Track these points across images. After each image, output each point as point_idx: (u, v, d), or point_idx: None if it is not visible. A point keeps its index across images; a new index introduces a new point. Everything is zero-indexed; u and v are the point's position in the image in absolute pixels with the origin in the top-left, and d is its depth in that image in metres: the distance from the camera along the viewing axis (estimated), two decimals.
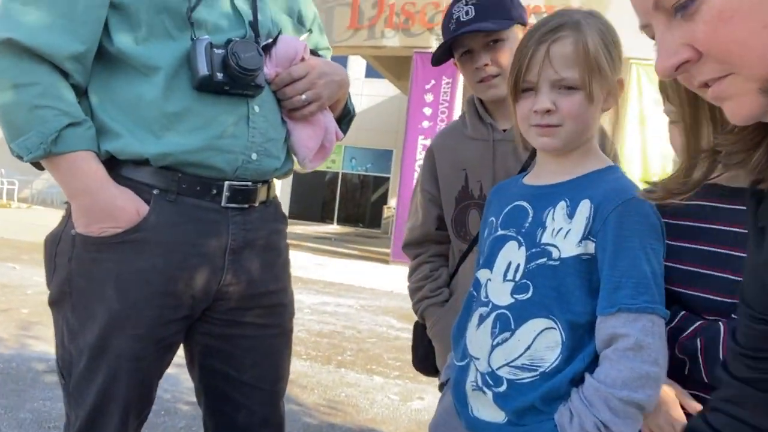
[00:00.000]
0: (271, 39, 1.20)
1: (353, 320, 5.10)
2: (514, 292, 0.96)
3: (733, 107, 0.50)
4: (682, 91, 0.59)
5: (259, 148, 1.18)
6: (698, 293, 0.91)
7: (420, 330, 1.45)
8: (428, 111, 9.18)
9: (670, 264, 0.93)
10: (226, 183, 1.15)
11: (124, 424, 1.12)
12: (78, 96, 1.09)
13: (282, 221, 1.32)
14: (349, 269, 8.40)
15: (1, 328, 3.74)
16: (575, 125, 0.94)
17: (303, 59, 1.23)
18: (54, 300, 1.15)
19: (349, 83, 1.35)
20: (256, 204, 1.21)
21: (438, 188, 1.41)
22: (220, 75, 1.09)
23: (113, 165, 1.10)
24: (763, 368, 0.61)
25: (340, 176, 18.21)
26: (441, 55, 1.34)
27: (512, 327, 0.95)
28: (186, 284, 1.12)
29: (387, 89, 15.47)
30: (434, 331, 1.39)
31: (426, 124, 9.20)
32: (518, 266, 0.96)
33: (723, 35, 0.46)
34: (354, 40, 9.64)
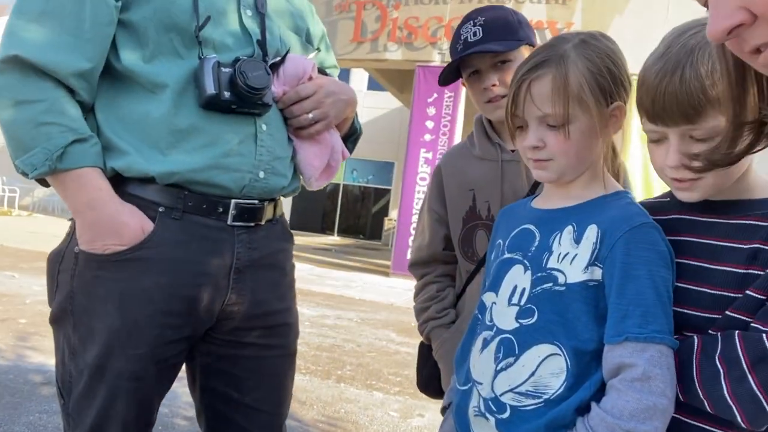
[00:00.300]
0: (279, 57, 1.20)
1: (353, 334, 5.07)
2: (519, 317, 0.94)
3: None
4: (729, 59, 0.57)
5: (267, 167, 1.17)
6: (676, 308, 0.88)
7: (425, 351, 1.44)
8: (430, 124, 9.21)
9: None
10: (233, 201, 1.14)
11: None
12: (84, 112, 1.08)
13: (288, 240, 1.31)
14: (350, 281, 8.37)
15: None
16: (566, 159, 0.94)
17: (311, 78, 1.22)
18: (55, 318, 1.13)
19: (357, 102, 1.34)
20: (263, 222, 1.20)
21: (445, 208, 1.40)
22: (228, 94, 1.08)
23: (119, 182, 1.09)
24: None
25: (341, 188, 18.21)
26: (448, 75, 1.34)
27: (516, 352, 0.93)
28: (189, 303, 1.11)
29: (388, 101, 15.52)
30: (440, 354, 1.37)
31: (428, 138, 9.22)
32: (523, 290, 0.95)
33: None
34: (357, 53, 9.69)
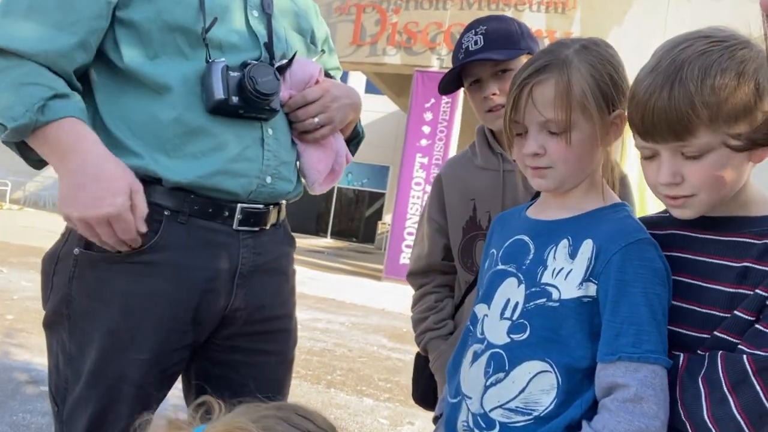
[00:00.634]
0: (286, 60, 1.17)
1: (344, 338, 5.05)
2: (511, 332, 0.92)
3: None
4: None
5: (274, 171, 1.15)
6: (668, 327, 0.85)
7: (422, 362, 1.42)
8: (427, 129, 9.21)
9: None
10: (239, 206, 1.12)
11: None
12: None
13: (291, 244, 1.29)
14: (342, 284, 8.35)
15: None
16: (566, 167, 0.92)
17: (317, 82, 1.20)
18: (49, 322, 1.09)
19: (361, 106, 1.32)
20: (267, 227, 1.18)
21: (445, 218, 1.39)
22: (236, 99, 1.06)
23: None
24: None
25: (336, 190, 18.18)
26: (448, 84, 1.32)
27: (507, 368, 0.91)
28: (195, 310, 1.08)
29: (385, 105, 15.51)
30: (437, 365, 1.36)
31: (424, 142, 9.23)
32: (516, 304, 0.93)
33: None
34: (356, 56, 9.69)
